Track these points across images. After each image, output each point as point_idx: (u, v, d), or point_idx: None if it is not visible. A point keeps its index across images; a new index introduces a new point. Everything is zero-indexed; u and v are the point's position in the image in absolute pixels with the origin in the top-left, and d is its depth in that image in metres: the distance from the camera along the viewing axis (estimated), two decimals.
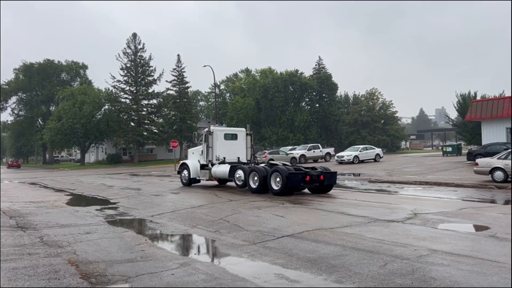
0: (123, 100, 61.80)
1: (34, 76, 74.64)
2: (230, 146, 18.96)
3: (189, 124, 63.71)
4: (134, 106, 60.47)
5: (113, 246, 7.60)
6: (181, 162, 21.00)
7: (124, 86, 60.79)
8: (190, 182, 19.56)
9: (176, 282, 5.45)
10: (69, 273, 5.90)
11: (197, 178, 19.48)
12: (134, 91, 60.79)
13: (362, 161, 36.85)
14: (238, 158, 18.75)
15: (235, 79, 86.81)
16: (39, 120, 79.05)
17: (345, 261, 6.16)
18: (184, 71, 64.91)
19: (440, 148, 60.31)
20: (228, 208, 12.12)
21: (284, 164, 15.78)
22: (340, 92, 77.66)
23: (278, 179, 14.47)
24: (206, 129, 18.94)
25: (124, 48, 60.67)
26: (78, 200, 16.70)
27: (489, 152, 23.94)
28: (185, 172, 19.85)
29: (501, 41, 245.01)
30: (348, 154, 37.43)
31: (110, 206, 13.82)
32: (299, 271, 5.82)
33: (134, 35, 61.36)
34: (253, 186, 15.56)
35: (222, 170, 17.82)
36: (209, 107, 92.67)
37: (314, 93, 71.04)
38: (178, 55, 65.57)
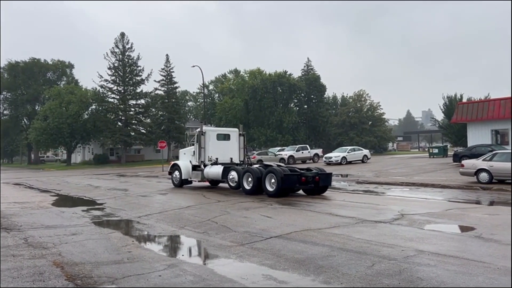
0: (110, 100, 61.20)
1: (19, 75, 73.50)
2: (223, 147, 18.69)
3: (177, 125, 63.40)
4: (122, 106, 59.94)
5: (99, 248, 7.51)
6: (172, 163, 20.63)
7: (112, 85, 60.23)
8: (182, 183, 19.25)
9: (163, 283, 5.41)
10: (54, 275, 5.81)
11: (189, 179, 19.18)
12: (122, 91, 60.27)
13: (350, 162, 37.07)
14: (231, 159, 18.50)
15: (223, 80, 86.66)
16: (24, 120, 77.83)
17: (333, 261, 6.17)
18: (173, 71, 64.70)
19: (426, 149, 60.99)
20: (216, 209, 12.08)
21: (278, 165, 15.53)
22: (328, 93, 78.25)
23: (273, 181, 14.27)
24: (198, 129, 18.60)
25: (112, 47, 60.17)
26: (64, 200, 16.48)
27: (475, 153, 24.28)
28: (177, 173, 19.52)
29: (487, 43, 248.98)
30: (336, 155, 37.65)
31: (96, 207, 13.67)
32: (287, 272, 5.81)
33: (122, 34, 60.86)
34: (247, 187, 15.33)
35: (214, 171, 17.55)
36: (197, 108, 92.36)
37: (303, 95, 71.34)
38: (167, 55, 65.52)
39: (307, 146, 45.76)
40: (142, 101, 62.50)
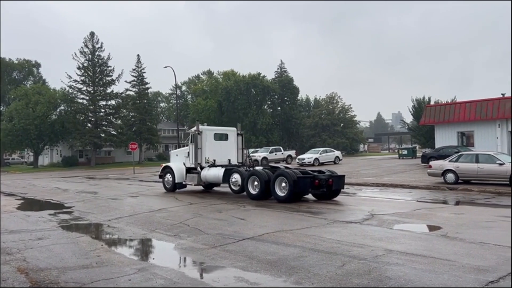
0: (80, 100, 59.73)
1: None
2: (220, 147, 17.46)
3: (149, 126, 62.54)
4: (92, 107, 58.62)
5: (67, 252, 7.31)
6: (163, 165, 19.03)
7: (81, 86, 58.79)
8: (175, 187, 17.69)
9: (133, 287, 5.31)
10: (18, 281, 5.62)
11: (183, 183, 17.61)
12: (92, 92, 58.92)
13: (322, 163, 37.53)
14: (229, 160, 17.39)
15: (197, 81, 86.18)
16: None
17: (305, 262, 6.22)
18: (144, 72, 63.80)
19: (396, 151, 62.43)
20: (188, 211, 11.97)
21: (286, 167, 14.48)
22: (302, 95, 79.02)
23: (283, 184, 13.07)
24: (194, 129, 17.22)
25: (81, 47, 58.79)
26: (30, 204, 15.96)
27: (442, 155, 25.03)
28: (169, 176, 17.92)
29: (455, 46, 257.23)
30: (309, 156, 38.11)
31: (64, 210, 13.31)
32: (259, 273, 5.82)
33: (92, 34, 59.56)
34: (253, 192, 14.06)
35: (213, 174, 16.17)
36: (170, 109, 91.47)
37: (276, 96, 71.77)
38: (138, 55, 64.38)
39: (281, 147, 46.13)
40: (113, 102, 61.26)
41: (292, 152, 46.12)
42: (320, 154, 38.69)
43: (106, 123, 60.54)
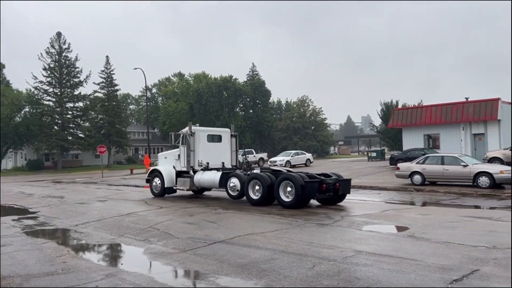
0: (46, 102, 57.94)
1: None
2: (214, 149, 16.47)
3: (118, 129, 61.31)
4: (58, 109, 56.97)
5: (30, 259, 7.06)
6: (151, 168, 17.98)
7: (47, 87, 57.07)
8: (164, 192, 16.55)
9: None
10: None
11: (174, 187, 16.65)
12: (59, 93, 57.27)
13: (294, 166, 37.77)
14: (223, 163, 16.41)
15: (167, 83, 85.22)
16: None
17: (275, 264, 6.24)
18: (113, 73, 62.52)
19: (365, 153, 63.67)
20: (158, 215, 11.80)
21: (289, 171, 13.83)
22: (273, 98, 79.49)
23: (289, 189, 12.33)
24: (186, 129, 16.25)
25: (47, 47, 57.09)
26: None
27: (409, 157, 25.69)
28: (157, 180, 16.76)
29: (422, 49, 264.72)
30: (280, 159, 38.37)
31: (29, 215, 12.86)
32: (230, 277, 5.79)
33: (59, 34, 57.93)
34: (254, 197, 13.23)
35: (208, 178, 15.24)
36: (140, 111, 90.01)
37: (248, 99, 71.94)
38: (107, 56, 63.14)
39: (253, 150, 46.22)
40: (81, 104, 59.70)
41: (264, 155, 46.31)
42: (291, 156, 39.02)
43: (73, 125, 58.97)
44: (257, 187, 13.23)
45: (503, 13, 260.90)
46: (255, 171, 14.52)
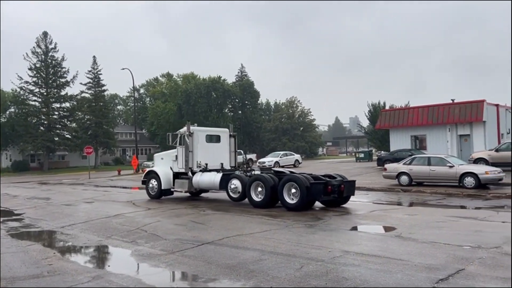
0: (31, 102, 57.24)
1: None
2: (212, 150, 16.04)
3: (105, 129, 60.78)
4: (44, 110, 56.27)
5: (15, 262, 6.95)
6: (147, 170, 17.52)
7: (33, 87, 56.37)
8: (161, 194, 16.09)
9: None
10: None
11: (171, 189, 16.19)
12: (45, 93, 56.60)
13: (283, 167, 37.81)
14: (221, 164, 15.98)
15: (155, 83, 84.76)
16: None
17: (264, 265, 6.24)
18: (101, 73, 62.00)
19: (353, 154, 64.10)
20: (146, 216, 11.72)
21: (291, 172, 13.42)
22: (262, 99, 79.65)
23: (293, 191, 11.97)
24: (184, 129, 15.83)
25: (33, 47, 56.37)
26: None
27: (397, 158, 25.90)
28: (153, 182, 16.24)
29: (409, 51, 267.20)
30: (269, 160, 38.45)
31: (14, 217, 12.67)
32: (218, 278, 5.78)
33: (45, 33, 57.25)
34: (256, 199, 12.87)
35: (208, 179, 14.77)
36: (127, 112, 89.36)
37: (237, 100, 71.95)
38: (94, 56, 62.59)
39: (241, 151, 46.10)
40: (67, 104, 59.08)
41: (253, 156, 46.37)
42: (280, 157, 39.13)
43: (60, 126, 58.31)
44: (259, 189, 12.90)
45: (489, 15, 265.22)
46: (255, 172, 14.31)
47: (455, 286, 5.16)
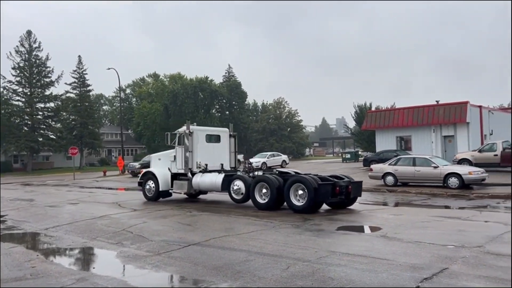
0: (15, 102, 56.25)
1: None
2: (212, 150, 15.64)
3: (91, 130, 60.05)
4: (28, 110, 55.36)
5: None
6: (144, 170, 16.98)
7: (16, 87, 55.44)
8: (158, 196, 15.63)
9: None
10: None
11: (170, 191, 15.74)
12: (28, 93, 55.71)
13: (270, 167, 37.94)
14: (222, 165, 15.58)
15: (142, 84, 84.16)
16: None
17: (250, 266, 6.24)
18: (86, 73, 61.22)
19: (340, 155, 64.52)
20: (131, 218, 11.61)
21: (296, 173, 13.02)
22: (249, 100, 79.63)
23: (300, 192, 11.58)
24: (183, 128, 15.38)
25: (17, 46, 55.43)
26: None
27: (382, 158, 26.17)
28: (151, 183, 15.76)
29: (395, 52, 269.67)
30: (256, 160, 38.39)
31: None
32: (205, 279, 5.75)
33: (29, 32, 56.32)
34: (261, 201, 12.45)
35: (209, 180, 14.34)
36: (113, 112, 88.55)
37: (224, 101, 71.83)
38: (79, 56, 61.69)
39: None
40: (52, 104, 58.20)
41: (240, 157, 46.19)
42: (267, 158, 39.21)
43: (44, 126, 57.45)
44: (264, 190, 12.45)
45: (473, 17, 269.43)
46: (257, 173, 13.95)
47: (439, 285, 5.23)
